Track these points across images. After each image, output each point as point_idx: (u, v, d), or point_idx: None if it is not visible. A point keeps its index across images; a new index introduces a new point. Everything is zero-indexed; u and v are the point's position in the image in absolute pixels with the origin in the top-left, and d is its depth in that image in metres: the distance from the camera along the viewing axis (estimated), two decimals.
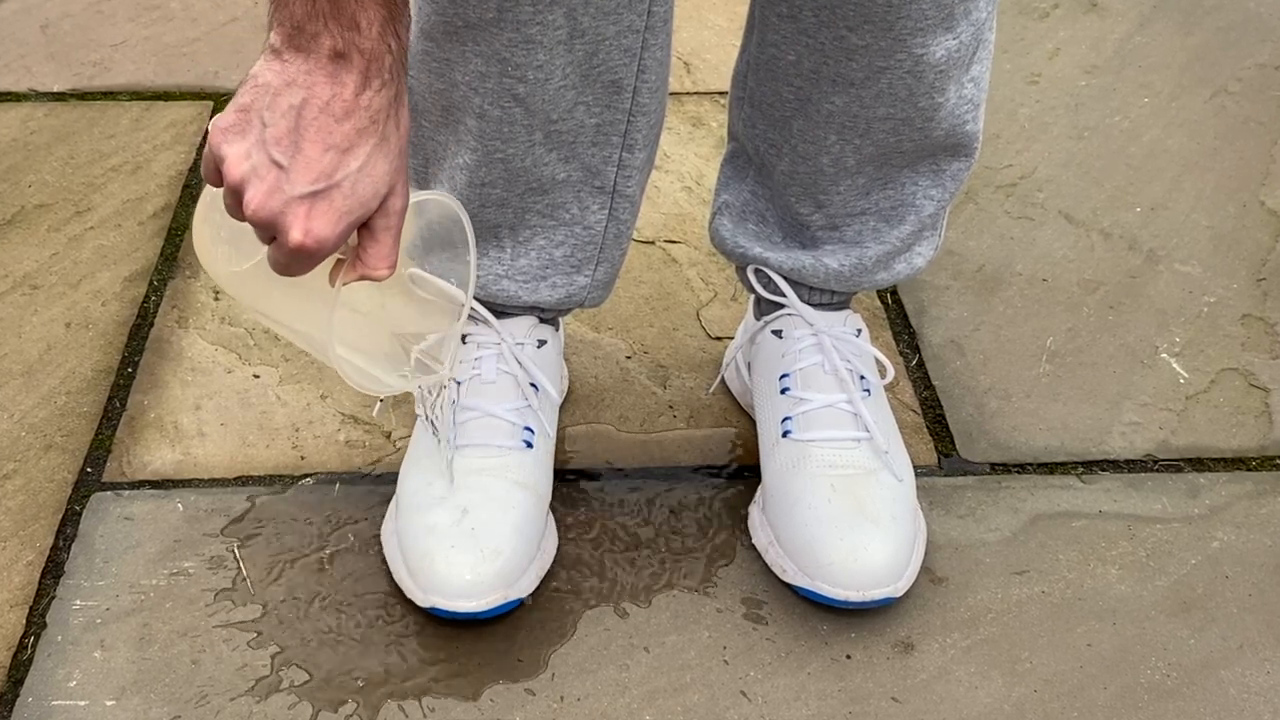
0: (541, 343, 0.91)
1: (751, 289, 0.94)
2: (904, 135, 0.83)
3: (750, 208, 0.92)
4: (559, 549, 0.90)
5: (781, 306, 0.93)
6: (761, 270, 0.92)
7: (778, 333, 0.93)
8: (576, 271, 0.88)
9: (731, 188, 0.93)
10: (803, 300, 0.92)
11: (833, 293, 0.93)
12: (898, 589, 0.84)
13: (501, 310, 0.90)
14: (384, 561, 0.88)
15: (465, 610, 0.82)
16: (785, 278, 0.92)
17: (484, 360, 0.89)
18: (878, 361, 0.93)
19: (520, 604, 0.85)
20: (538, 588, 0.86)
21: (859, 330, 0.93)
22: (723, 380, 1.03)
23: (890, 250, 0.89)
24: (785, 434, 0.89)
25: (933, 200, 0.88)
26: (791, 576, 0.86)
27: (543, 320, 0.92)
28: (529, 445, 0.88)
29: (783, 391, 0.91)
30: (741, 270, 0.94)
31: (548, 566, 0.88)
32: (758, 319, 0.96)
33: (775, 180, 0.89)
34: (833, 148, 0.84)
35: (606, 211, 0.85)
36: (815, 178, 0.86)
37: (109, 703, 0.81)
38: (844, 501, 0.85)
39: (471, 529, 0.83)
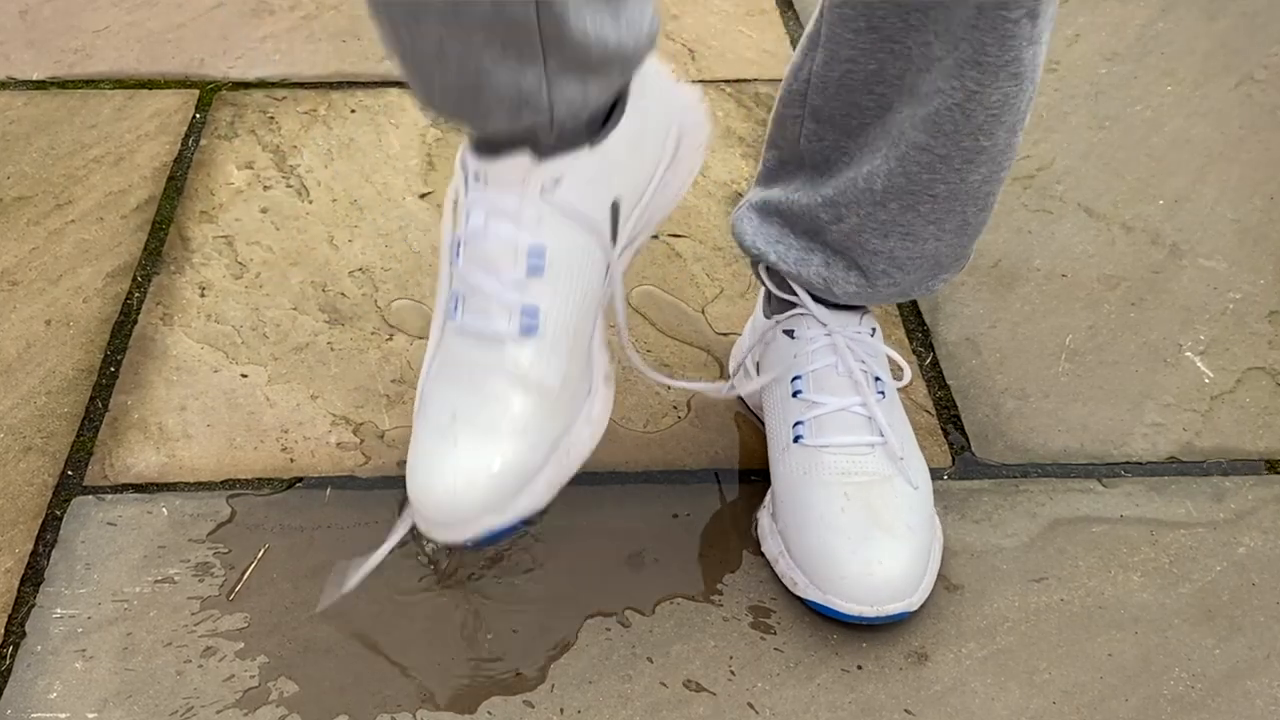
0: (556, 184, 0.74)
1: (765, 285, 0.94)
2: (939, 174, 0.80)
3: (780, 211, 0.90)
4: (557, 553, 0.90)
5: (794, 305, 0.93)
6: (774, 268, 0.92)
7: (790, 332, 0.93)
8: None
9: (770, 189, 0.91)
10: (816, 300, 0.92)
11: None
12: (913, 603, 0.84)
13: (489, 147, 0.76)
14: (377, 567, 0.88)
15: (444, 539, 0.74)
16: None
17: (473, 212, 0.75)
18: (892, 362, 0.93)
19: (521, 529, 0.76)
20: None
21: (874, 330, 0.93)
22: (729, 378, 1.03)
23: (905, 289, 0.88)
24: (796, 439, 0.89)
25: (955, 250, 0.86)
26: (803, 590, 0.86)
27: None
28: (531, 331, 0.75)
29: (794, 394, 0.91)
30: (755, 265, 0.94)
31: (562, 483, 0.78)
32: (768, 317, 0.96)
33: (821, 186, 0.86)
34: (872, 159, 0.82)
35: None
36: (846, 187, 0.84)
37: (91, 715, 0.81)
38: (858, 511, 0.85)
39: (455, 440, 0.73)
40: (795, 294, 0.91)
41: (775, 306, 0.95)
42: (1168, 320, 1.12)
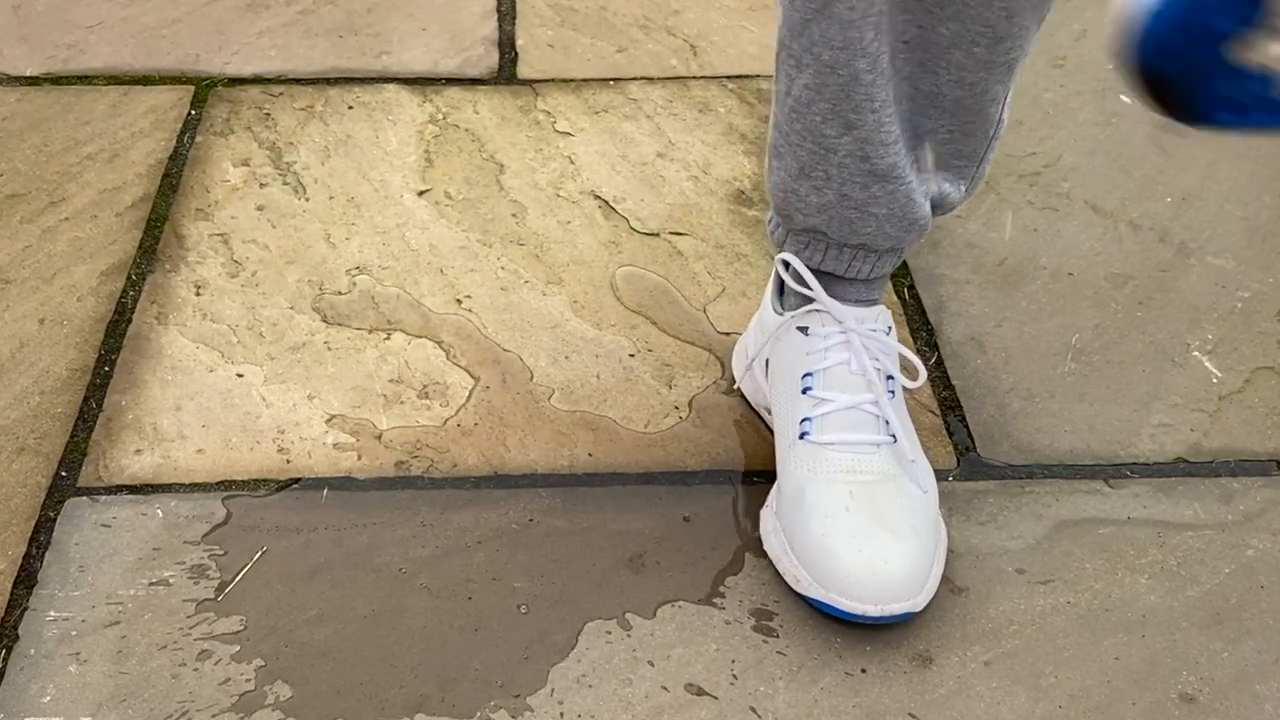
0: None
1: (783, 279, 0.93)
2: (912, 14, 0.80)
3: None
4: (557, 556, 0.90)
5: (810, 301, 0.92)
6: (790, 263, 0.91)
7: (803, 329, 0.93)
8: None
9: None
10: (831, 295, 0.92)
11: (864, 284, 0.92)
12: (917, 604, 0.84)
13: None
14: (375, 570, 0.89)
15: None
16: (824, 235, 0.90)
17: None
18: (905, 361, 0.93)
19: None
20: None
21: (889, 328, 0.93)
22: (732, 378, 1.03)
23: (909, 161, 0.87)
24: (803, 435, 0.89)
25: (930, 120, 0.85)
26: (805, 587, 0.86)
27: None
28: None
29: (804, 391, 0.91)
30: (779, 248, 0.93)
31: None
32: (779, 314, 0.96)
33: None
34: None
35: None
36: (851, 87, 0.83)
37: (85, 719, 0.81)
38: (863, 510, 0.85)
39: None
40: (811, 288, 0.91)
41: (790, 303, 0.95)
42: (1175, 319, 1.12)
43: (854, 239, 0.88)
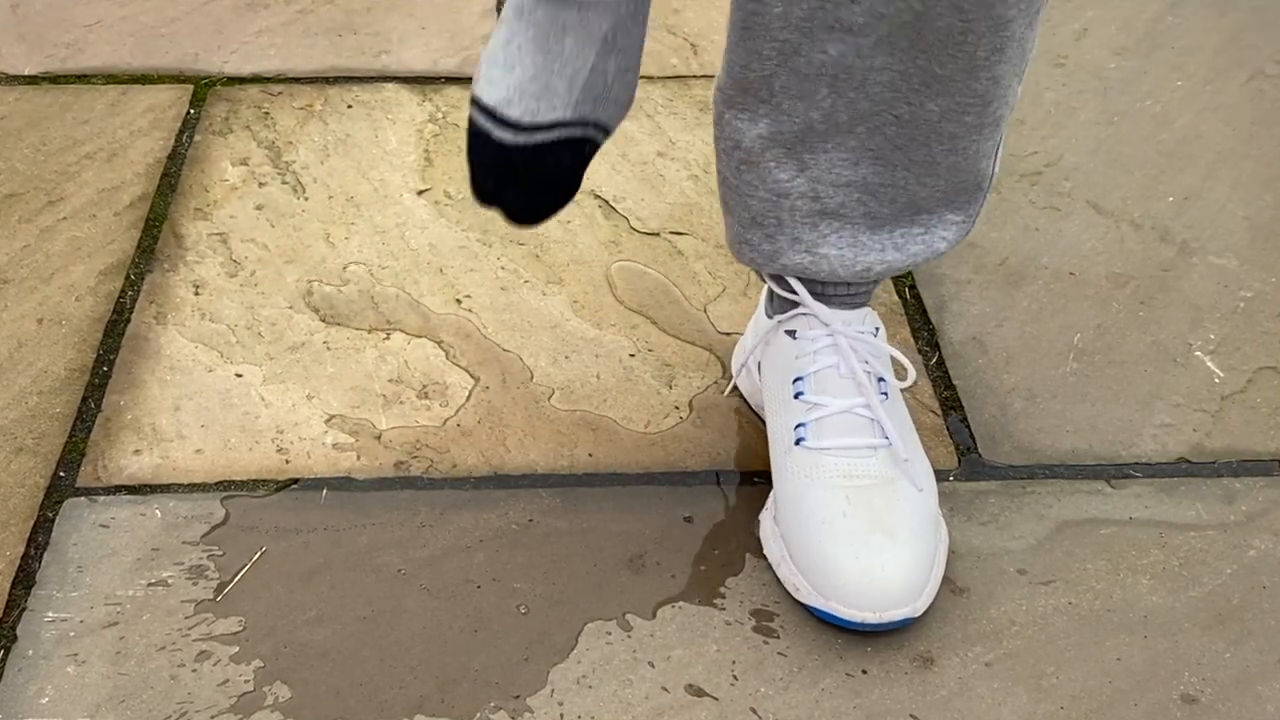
0: None
1: (767, 283, 0.94)
2: (899, 92, 0.80)
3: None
4: (557, 556, 0.90)
5: (796, 304, 0.93)
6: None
7: (791, 333, 0.93)
8: None
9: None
10: (817, 298, 0.92)
11: (848, 285, 0.92)
12: (916, 609, 0.84)
13: None
14: (374, 570, 0.89)
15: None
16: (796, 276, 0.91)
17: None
18: (896, 362, 0.93)
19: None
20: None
21: (878, 329, 0.93)
22: (732, 378, 1.03)
23: (883, 224, 0.87)
24: (798, 441, 0.89)
25: (932, 192, 0.85)
26: (805, 596, 0.86)
27: None
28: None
29: (796, 396, 0.91)
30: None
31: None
32: (770, 317, 0.96)
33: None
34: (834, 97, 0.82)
35: None
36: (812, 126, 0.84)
37: None
38: (860, 515, 0.85)
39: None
40: (796, 292, 0.91)
41: (777, 306, 0.95)
42: (1177, 319, 1.11)
43: (814, 279, 0.90)
